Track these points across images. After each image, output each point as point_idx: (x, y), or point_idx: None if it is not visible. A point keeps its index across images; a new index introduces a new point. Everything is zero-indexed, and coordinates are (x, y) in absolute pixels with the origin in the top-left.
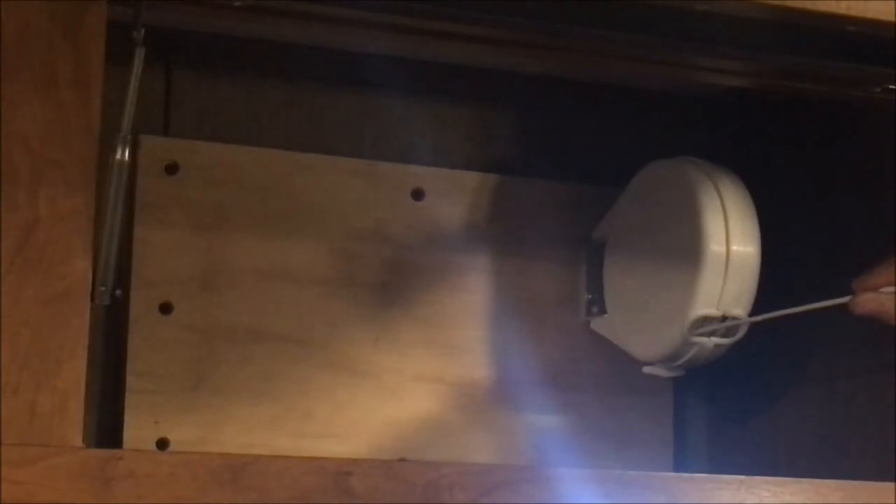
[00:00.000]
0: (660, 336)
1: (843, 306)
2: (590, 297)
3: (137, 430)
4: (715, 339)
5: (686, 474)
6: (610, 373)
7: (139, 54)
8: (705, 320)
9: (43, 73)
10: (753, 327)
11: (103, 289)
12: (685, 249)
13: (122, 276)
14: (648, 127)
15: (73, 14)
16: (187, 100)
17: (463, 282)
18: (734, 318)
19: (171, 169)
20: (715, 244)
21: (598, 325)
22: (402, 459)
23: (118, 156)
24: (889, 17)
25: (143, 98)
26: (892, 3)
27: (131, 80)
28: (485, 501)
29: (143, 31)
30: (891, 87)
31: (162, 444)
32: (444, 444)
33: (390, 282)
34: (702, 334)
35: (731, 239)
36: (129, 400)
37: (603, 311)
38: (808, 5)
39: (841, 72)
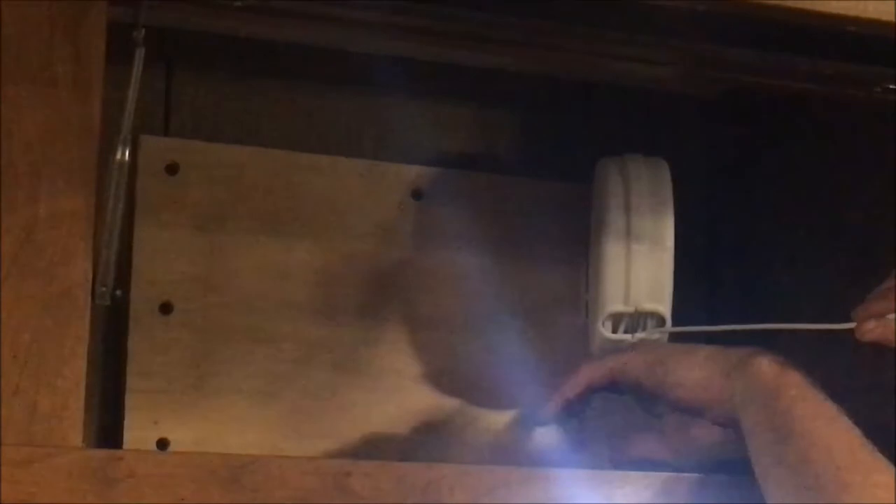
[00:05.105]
0: (592, 335)
1: (847, 332)
2: (589, 297)
3: (137, 430)
4: (639, 335)
5: (686, 475)
6: None
7: (139, 54)
8: (621, 317)
9: (43, 73)
10: (754, 337)
11: (103, 289)
12: (598, 247)
13: (122, 276)
14: (648, 127)
15: (73, 14)
16: (187, 100)
17: (463, 282)
18: (652, 314)
19: (171, 169)
20: (617, 239)
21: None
22: (402, 459)
23: (118, 156)
24: (889, 17)
25: (143, 98)
26: (892, 3)
27: (131, 80)
28: (485, 502)
29: (143, 31)
30: (891, 87)
31: (162, 444)
32: (444, 445)
33: (390, 282)
34: (625, 332)
35: (633, 234)
36: (129, 400)
37: None
38: (808, 5)
39: (841, 72)
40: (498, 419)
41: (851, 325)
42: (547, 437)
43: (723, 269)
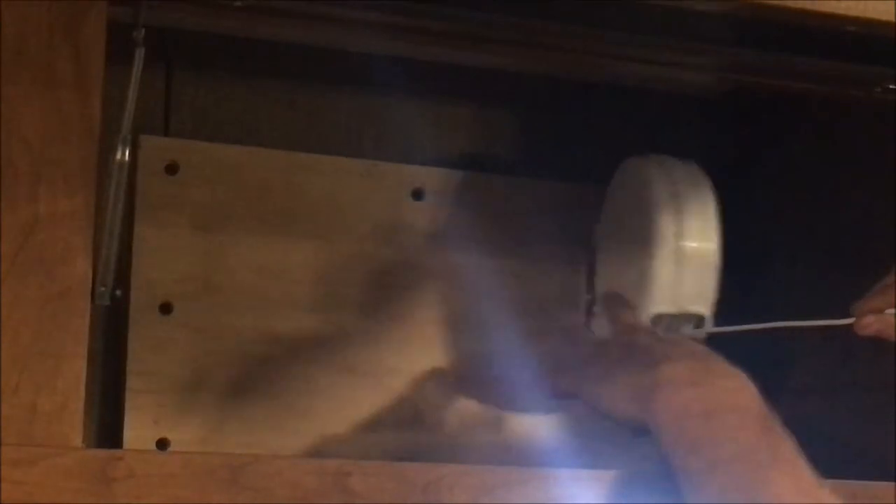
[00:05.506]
0: None
1: (846, 327)
2: (590, 297)
3: (137, 430)
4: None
5: None
6: None
7: (139, 54)
8: (663, 318)
9: (43, 73)
10: (753, 331)
11: (103, 289)
12: (643, 247)
13: (122, 276)
14: (648, 127)
15: (73, 14)
16: (187, 100)
17: (463, 282)
18: (695, 316)
19: (171, 169)
20: (667, 241)
21: (597, 325)
22: (403, 459)
23: (118, 156)
24: (889, 17)
25: (143, 98)
26: (892, 3)
27: (131, 80)
28: (485, 502)
29: (143, 31)
30: (891, 87)
31: (162, 444)
32: (445, 445)
33: (390, 282)
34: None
35: (684, 235)
36: (129, 400)
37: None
38: (808, 5)
39: (841, 72)
40: (498, 419)
41: (850, 320)
42: (547, 437)
43: (722, 268)
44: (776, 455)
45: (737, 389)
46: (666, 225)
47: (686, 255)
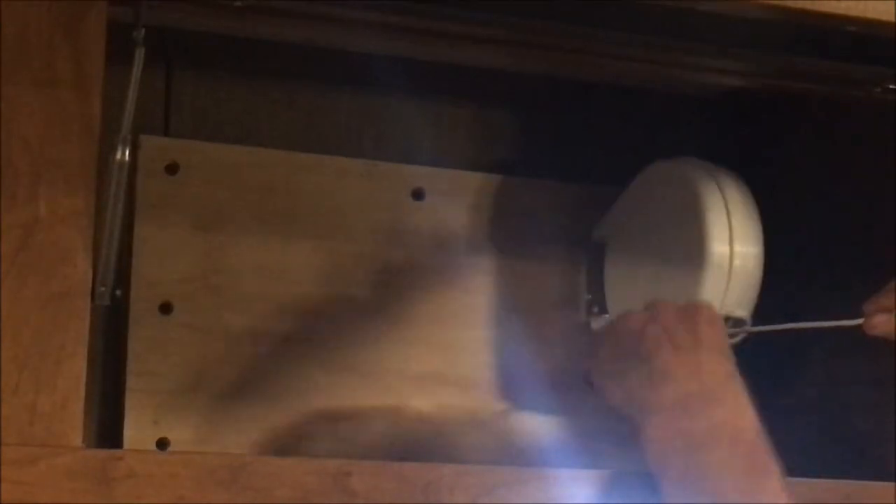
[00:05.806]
0: None
1: (856, 327)
2: (590, 297)
3: (137, 430)
4: None
5: None
6: None
7: (139, 54)
8: None
9: (43, 73)
10: (761, 333)
11: (103, 289)
12: (688, 250)
13: (122, 276)
14: (648, 127)
15: (73, 14)
16: (187, 100)
17: (463, 282)
18: (737, 320)
19: (171, 169)
20: (719, 244)
21: (598, 325)
22: (403, 459)
23: (118, 156)
24: (889, 17)
25: (143, 98)
26: (892, 3)
27: (131, 80)
28: (485, 502)
29: (143, 31)
30: (891, 87)
31: (162, 444)
32: (444, 444)
33: (390, 282)
34: None
35: (734, 239)
36: (129, 400)
37: (603, 311)
38: (808, 5)
39: (841, 72)
40: (498, 419)
41: (860, 320)
42: (547, 437)
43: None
44: (756, 497)
45: (727, 421)
46: (718, 229)
47: (736, 260)
